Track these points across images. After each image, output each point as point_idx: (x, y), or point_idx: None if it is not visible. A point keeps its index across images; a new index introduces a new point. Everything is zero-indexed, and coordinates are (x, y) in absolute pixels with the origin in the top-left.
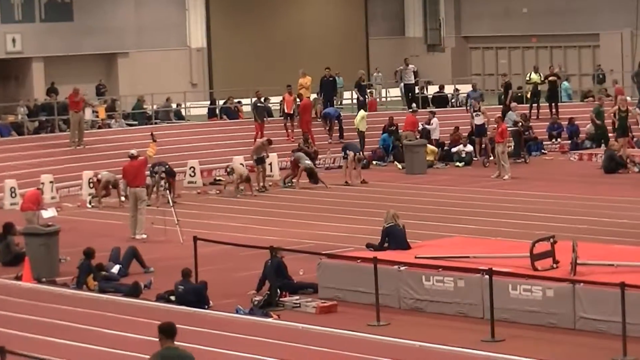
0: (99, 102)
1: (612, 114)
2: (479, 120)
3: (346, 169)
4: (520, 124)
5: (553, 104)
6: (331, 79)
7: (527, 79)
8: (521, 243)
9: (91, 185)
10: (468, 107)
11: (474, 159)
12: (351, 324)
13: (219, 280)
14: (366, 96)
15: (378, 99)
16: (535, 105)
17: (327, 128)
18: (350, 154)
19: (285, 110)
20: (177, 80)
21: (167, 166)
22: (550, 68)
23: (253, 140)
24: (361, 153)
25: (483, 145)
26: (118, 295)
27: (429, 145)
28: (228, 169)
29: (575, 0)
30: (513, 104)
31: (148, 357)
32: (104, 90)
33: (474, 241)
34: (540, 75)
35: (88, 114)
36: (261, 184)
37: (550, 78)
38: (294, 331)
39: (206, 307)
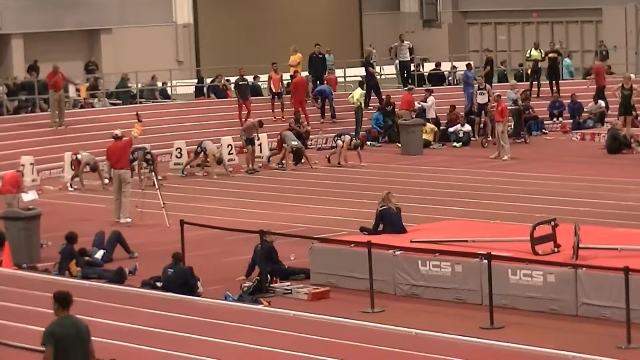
0: (80, 80)
1: (615, 92)
2: (482, 98)
3: (340, 150)
4: (520, 102)
5: (554, 82)
6: (320, 56)
7: (527, 55)
8: (521, 226)
9: (72, 167)
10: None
11: (472, 138)
12: (344, 310)
13: (207, 266)
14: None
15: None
16: (536, 83)
17: (319, 107)
18: (347, 137)
19: (273, 90)
20: (162, 58)
21: (147, 151)
22: (551, 44)
23: (238, 120)
24: (357, 138)
25: (482, 125)
26: (102, 282)
27: (428, 124)
28: (198, 149)
29: None
30: (512, 82)
31: (132, 345)
32: (92, 68)
33: (472, 224)
34: (540, 51)
35: (72, 92)
36: (250, 165)
37: (551, 55)
38: (284, 318)
39: (198, 290)
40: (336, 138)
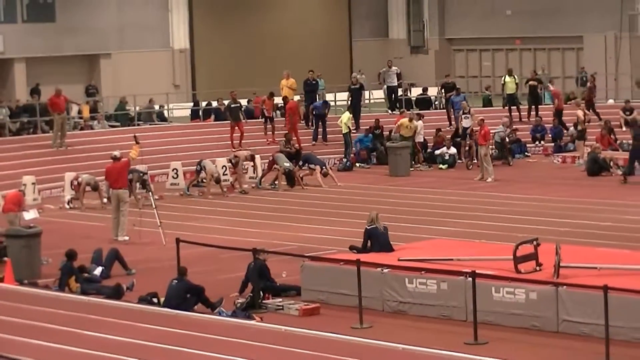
0: (82, 101)
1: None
2: (466, 122)
3: (316, 176)
4: (507, 137)
5: (533, 107)
6: (314, 82)
7: (502, 82)
8: (504, 245)
9: (72, 187)
10: (455, 110)
11: (459, 161)
12: (334, 326)
13: (201, 282)
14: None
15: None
16: (515, 107)
17: (312, 124)
18: (318, 168)
19: (266, 114)
20: (159, 82)
21: (143, 173)
22: (532, 72)
23: (230, 141)
24: (325, 166)
25: (467, 148)
26: (100, 297)
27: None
28: (198, 167)
29: (559, 3)
30: (505, 120)
31: (129, 359)
32: (92, 92)
33: (457, 243)
34: (514, 77)
35: (74, 111)
36: (240, 186)
37: (531, 83)
38: (276, 333)
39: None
40: (303, 163)
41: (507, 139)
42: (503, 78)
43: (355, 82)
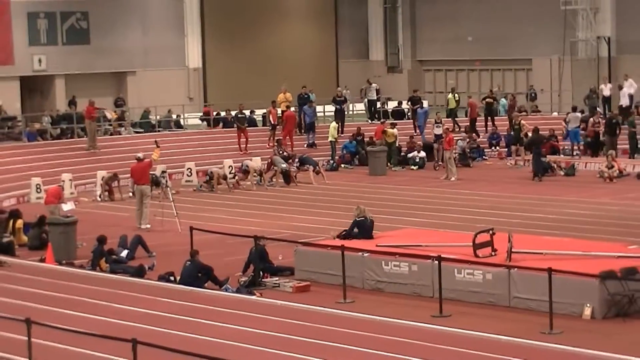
0: (111, 110)
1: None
2: (438, 130)
3: (310, 174)
4: (468, 147)
5: (490, 119)
6: (306, 96)
7: (447, 98)
8: (465, 234)
9: (101, 185)
10: (418, 120)
11: (427, 162)
12: (322, 301)
13: (211, 264)
14: (343, 107)
15: (346, 112)
16: (452, 119)
17: (303, 130)
18: (310, 167)
19: (271, 122)
20: (176, 95)
21: (156, 176)
22: (489, 91)
23: (237, 146)
24: (318, 166)
25: (438, 151)
26: (126, 276)
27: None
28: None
29: (512, 31)
30: (463, 135)
31: (150, 327)
32: (120, 103)
33: (425, 232)
34: (454, 95)
35: (108, 115)
36: (247, 183)
37: (487, 100)
38: (273, 307)
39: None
40: (299, 163)
41: (467, 148)
42: (447, 95)
43: (340, 95)
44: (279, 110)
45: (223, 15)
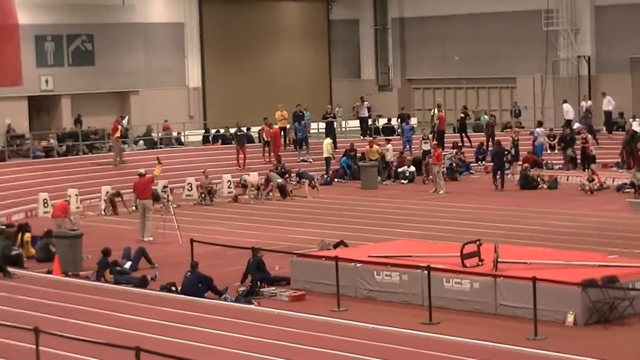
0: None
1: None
2: (426, 146)
3: (305, 188)
4: (453, 161)
5: (463, 134)
6: (301, 113)
7: (431, 114)
8: (453, 245)
9: (104, 200)
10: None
11: (424, 177)
12: (317, 309)
13: (210, 274)
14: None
15: (337, 128)
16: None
17: (296, 147)
18: (306, 182)
19: (265, 139)
20: (177, 113)
21: (156, 192)
22: (462, 107)
23: (236, 162)
24: (314, 180)
25: (426, 166)
26: (129, 286)
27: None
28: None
29: (497, 51)
30: (452, 152)
31: (152, 335)
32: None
33: (415, 243)
34: (440, 111)
35: (124, 122)
36: (246, 197)
37: (461, 115)
38: (270, 315)
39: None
40: (298, 178)
41: (454, 163)
42: (432, 111)
43: (330, 111)
44: (277, 127)
45: (221, 37)
